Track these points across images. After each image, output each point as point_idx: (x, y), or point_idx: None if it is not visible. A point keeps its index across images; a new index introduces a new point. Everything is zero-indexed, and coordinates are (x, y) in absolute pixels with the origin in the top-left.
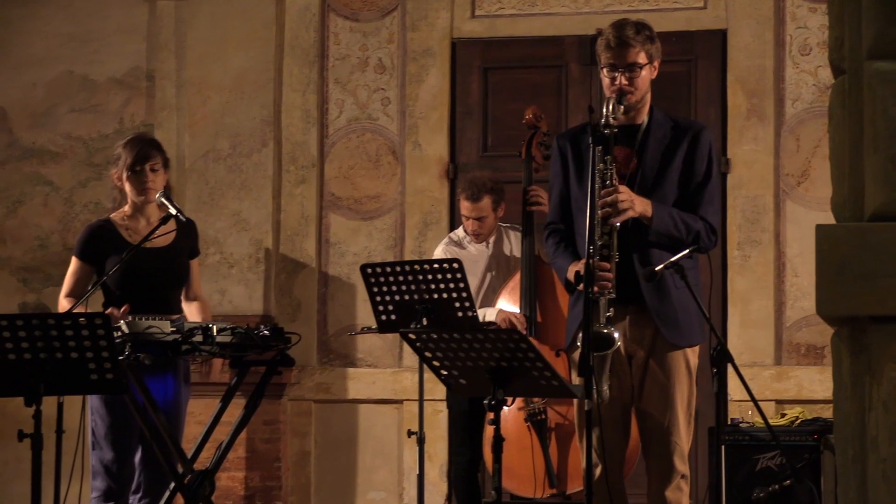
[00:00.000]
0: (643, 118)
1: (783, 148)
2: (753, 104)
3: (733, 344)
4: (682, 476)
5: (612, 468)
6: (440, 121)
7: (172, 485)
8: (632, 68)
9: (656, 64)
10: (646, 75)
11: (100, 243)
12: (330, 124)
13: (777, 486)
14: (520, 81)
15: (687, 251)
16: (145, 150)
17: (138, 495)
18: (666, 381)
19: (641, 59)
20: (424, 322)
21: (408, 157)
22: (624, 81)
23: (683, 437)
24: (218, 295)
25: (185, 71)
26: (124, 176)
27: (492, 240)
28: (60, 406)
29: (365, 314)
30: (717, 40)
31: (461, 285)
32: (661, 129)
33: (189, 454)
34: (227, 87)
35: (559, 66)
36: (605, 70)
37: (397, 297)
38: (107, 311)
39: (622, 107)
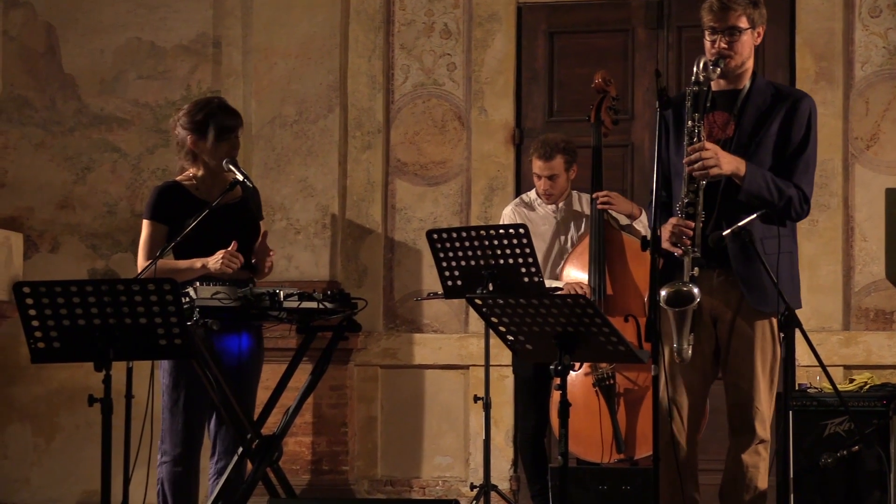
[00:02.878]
0: (745, 84)
1: (852, 111)
2: (822, 67)
3: (801, 309)
4: (761, 441)
5: (689, 434)
6: (506, 86)
7: (241, 449)
8: (731, 32)
9: (760, 30)
10: (746, 40)
11: (172, 203)
12: (396, 90)
13: (845, 452)
14: (586, 46)
15: (755, 215)
16: (233, 121)
17: (214, 459)
18: (750, 346)
19: (742, 23)
20: (490, 287)
21: (473, 123)
22: (723, 45)
23: (764, 402)
24: (284, 261)
25: (251, 37)
26: (209, 144)
27: (562, 203)
28: (130, 371)
29: (431, 280)
30: (786, 3)
31: (527, 251)
32: (761, 95)
33: (256, 419)
34: (293, 53)
35: (626, 31)
36: (706, 33)
37: (463, 263)
38: (220, 254)
39: (718, 69)
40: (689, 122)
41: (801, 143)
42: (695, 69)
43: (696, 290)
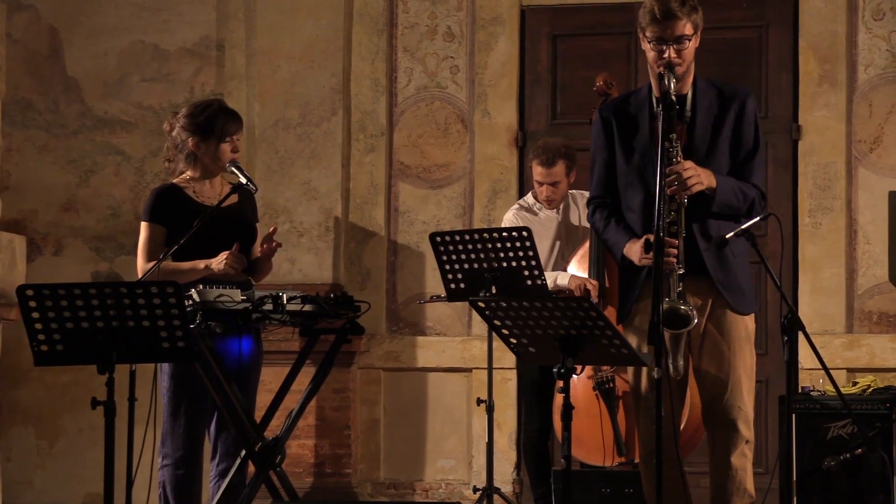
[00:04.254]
0: (688, 88)
1: (855, 114)
2: (825, 70)
3: (804, 312)
4: (747, 442)
5: (668, 437)
6: (509, 88)
7: (243, 452)
8: (680, 41)
9: (700, 33)
10: (692, 46)
11: (170, 204)
12: (399, 93)
13: (848, 455)
14: (589, 48)
15: (758, 218)
16: (233, 123)
17: (215, 462)
18: (728, 348)
19: (688, 30)
20: (493, 290)
21: (477, 126)
22: (673, 55)
23: (747, 402)
24: (288, 264)
25: (254, 40)
26: (210, 145)
27: (562, 206)
28: (133, 374)
29: (434, 283)
30: (789, 6)
31: (530, 253)
32: (706, 98)
33: (259, 422)
34: (297, 55)
35: (629, 33)
36: (651, 43)
37: (466, 266)
38: (224, 255)
39: (674, 80)
40: (666, 143)
41: (754, 144)
42: (663, 87)
43: (693, 312)
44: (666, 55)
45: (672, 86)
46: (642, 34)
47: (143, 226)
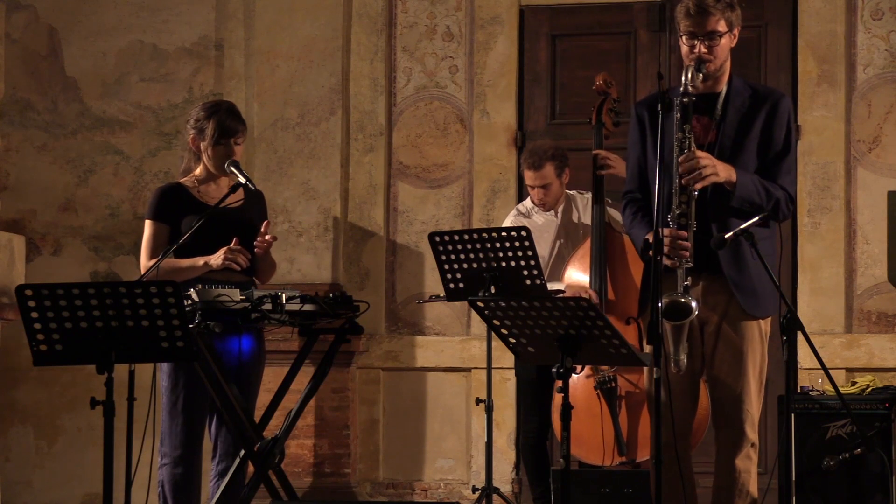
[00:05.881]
0: (722, 87)
1: (854, 114)
2: (824, 70)
3: (803, 312)
4: (752, 444)
5: (679, 437)
6: (508, 88)
7: (242, 452)
8: (711, 36)
9: (736, 31)
10: (725, 43)
11: (173, 203)
12: (398, 92)
13: (847, 455)
14: (588, 48)
15: (757, 218)
16: (233, 125)
17: (215, 461)
18: (739, 349)
19: (721, 27)
20: (492, 290)
21: (476, 126)
22: (703, 50)
23: (754, 405)
24: (286, 264)
25: (253, 40)
26: (206, 146)
27: (560, 208)
28: (132, 373)
29: (433, 282)
30: (788, 5)
31: (529, 253)
32: (739, 97)
33: (258, 422)
34: (296, 55)
35: (628, 33)
36: (683, 38)
37: (465, 266)
38: (222, 251)
39: (700, 75)
40: (679, 133)
41: (784, 145)
42: (683, 79)
43: (693, 304)
44: (696, 50)
45: (691, 78)
46: (678, 29)
47: (147, 223)
